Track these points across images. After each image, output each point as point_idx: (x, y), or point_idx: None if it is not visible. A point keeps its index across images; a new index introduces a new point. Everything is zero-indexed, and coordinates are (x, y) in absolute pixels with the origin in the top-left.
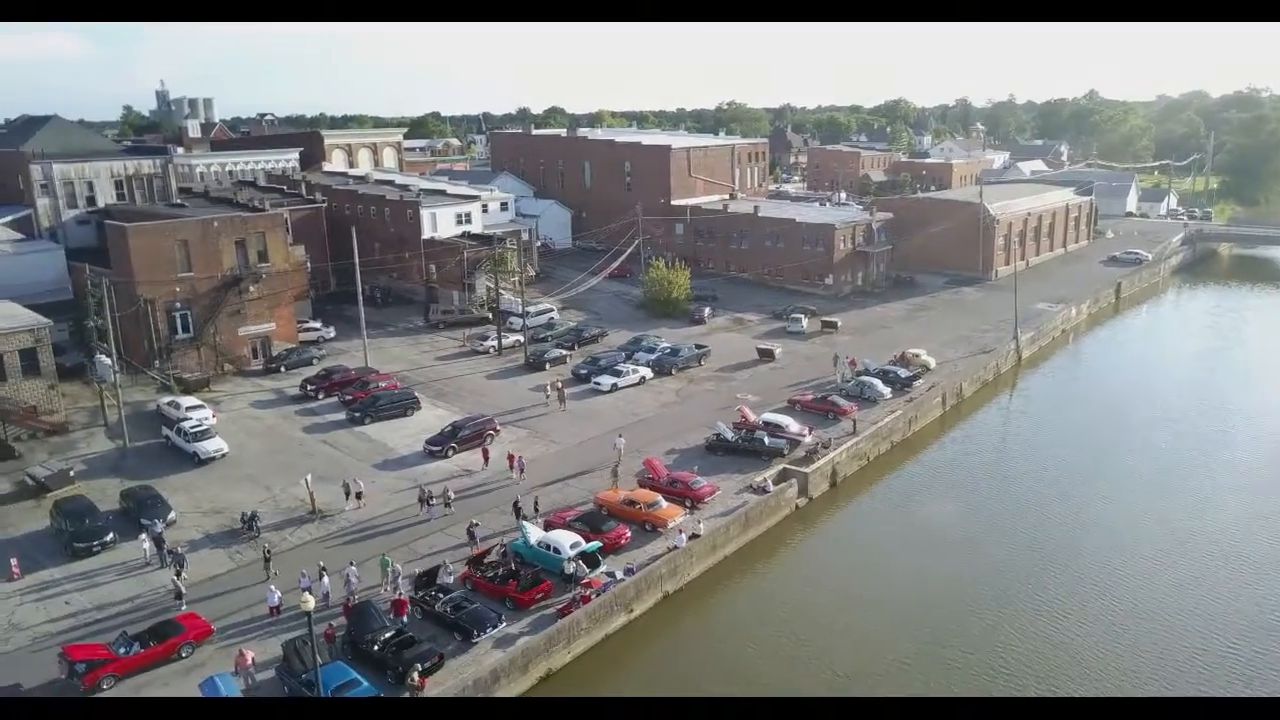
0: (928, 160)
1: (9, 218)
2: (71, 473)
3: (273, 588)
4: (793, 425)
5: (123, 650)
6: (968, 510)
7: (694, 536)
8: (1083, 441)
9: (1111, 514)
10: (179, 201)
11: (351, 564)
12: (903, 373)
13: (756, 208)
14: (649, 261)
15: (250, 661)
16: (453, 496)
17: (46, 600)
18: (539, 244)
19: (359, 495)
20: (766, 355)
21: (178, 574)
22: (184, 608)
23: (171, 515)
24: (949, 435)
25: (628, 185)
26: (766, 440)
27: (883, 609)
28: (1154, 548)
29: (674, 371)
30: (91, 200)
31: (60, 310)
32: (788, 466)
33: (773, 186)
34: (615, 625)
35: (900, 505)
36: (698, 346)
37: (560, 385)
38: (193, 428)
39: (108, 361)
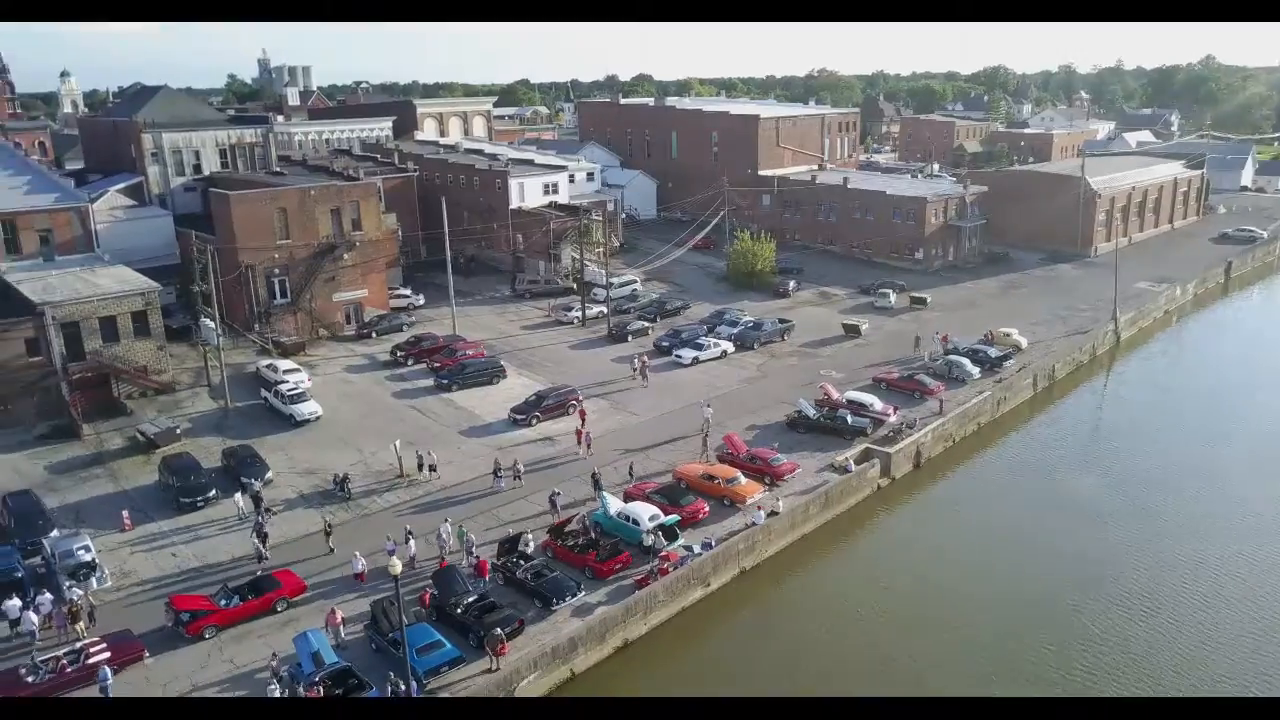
0: (1026, 130)
1: (122, 184)
2: (178, 430)
3: (357, 554)
4: (877, 404)
5: (223, 602)
6: (1052, 499)
7: (772, 514)
8: (1183, 432)
9: (1215, 510)
10: (278, 169)
11: (447, 520)
12: (992, 352)
13: (846, 179)
14: (734, 233)
15: (340, 620)
16: (523, 469)
17: (154, 551)
18: (624, 214)
19: (432, 468)
20: (852, 331)
21: (261, 540)
22: (258, 573)
23: (269, 474)
24: (1038, 419)
25: (714, 155)
26: (849, 419)
27: (959, 596)
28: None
29: (756, 346)
30: (197, 168)
31: (168, 274)
32: (870, 446)
33: (863, 157)
34: (692, 598)
35: (984, 490)
36: (781, 320)
37: (645, 361)
38: (289, 390)
39: (211, 325)
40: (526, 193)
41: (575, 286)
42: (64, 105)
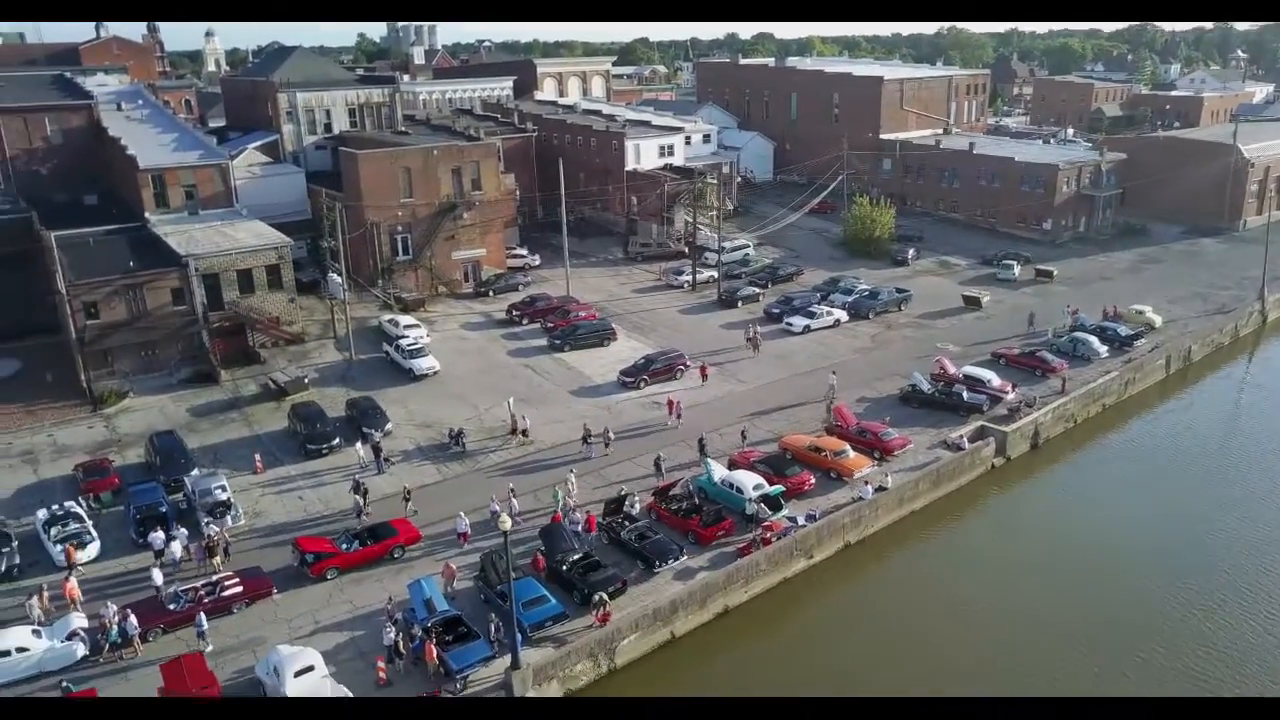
0: (1173, 93)
1: (259, 142)
2: (306, 380)
3: (461, 514)
4: (995, 380)
5: (344, 546)
6: (1178, 490)
7: (880, 489)
8: None
9: None
10: (403, 129)
11: (572, 472)
12: (1122, 330)
13: (972, 144)
14: (852, 198)
15: (454, 572)
16: (613, 437)
17: (283, 494)
18: (739, 177)
19: (524, 433)
20: (972, 303)
21: (362, 495)
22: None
23: (389, 426)
24: (1169, 403)
25: (835, 117)
26: (965, 395)
27: (1062, 586)
28: None
29: (871, 315)
30: (328, 127)
31: (300, 229)
32: (986, 424)
33: (992, 121)
34: (794, 569)
35: (1105, 476)
36: (898, 290)
37: (758, 331)
38: (409, 345)
39: (338, 279)
40: (642, 154)
41: (687, 250)
42: (208, 64)
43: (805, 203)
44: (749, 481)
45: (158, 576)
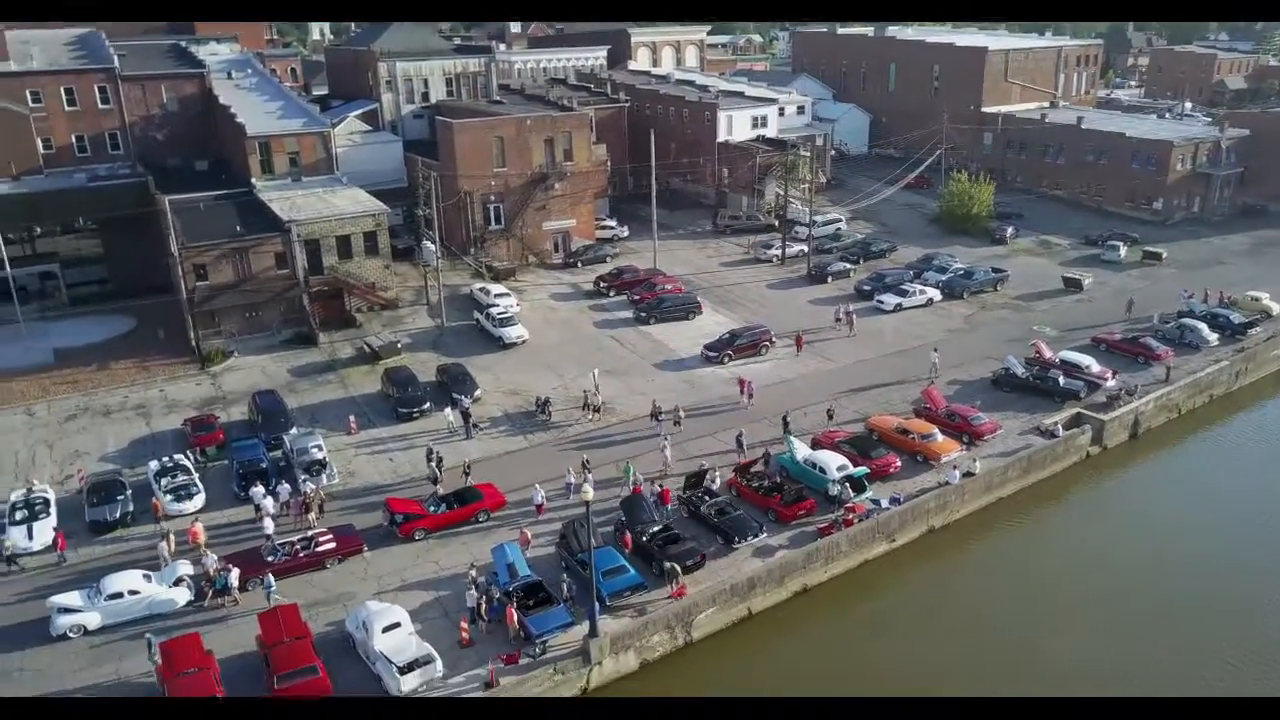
0: None
1: (360, 110)
2: (399, 344)
3: (537, 486)
4: (1094, 366)
5: (432, 508)
6: None
7: (968, 474)
8: None
9: None
10: (498, 99)
11: (666, 440)
12: (1235, 317)
13: (1080, 118)
14: (950, 173)
15: (528, 540)
16: (683, 415)
17: (375, 455)
18: (833, 150)
19: (596, 410)
20: (1073, 285)
21: (436, 464)
22: (439, 491)
23: (478, 392)
24: None
25: (935, 90)
26: (1061, 380)
27: (1156, 583)
28: None
29: (965, 295)
30: (425, 96)
31: (396, 197)
32: (1082, 411)
33: (1102, 93)
34: (876, 552)
35: (1209, 471)
36: (995, 270)
37: (851, 310)
38: (499, 314)
39: (432, 247)
40: (734, 126)
41: (777, 224)
42: (312, 32)
43: (901, 177)
44: (833, 462)
45: (269, 525)
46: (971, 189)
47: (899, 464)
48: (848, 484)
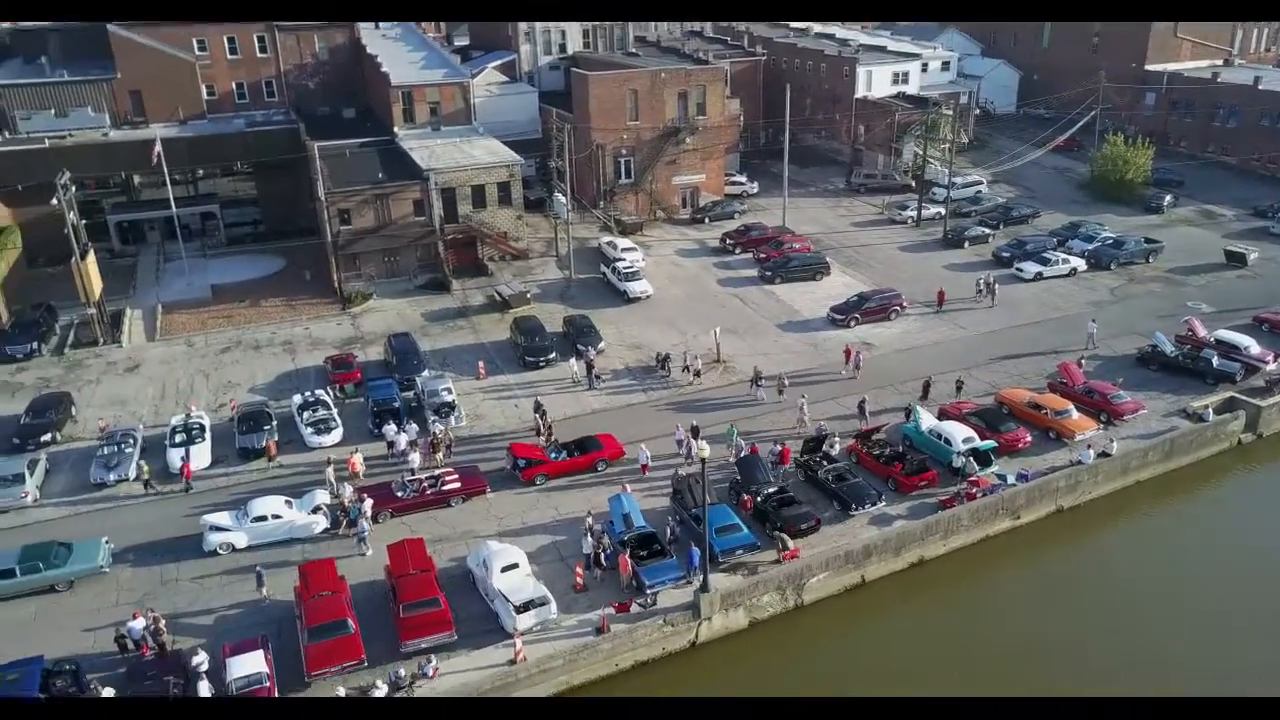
0: None
1: (498, 61)
2: (528, 294)
3: (643, 447)
4: (1253, 348)
5: (553, 455)
6: None
7: (1103, 454)
8: None
9: None
10: (634, 51)
11: (803, 399)
12: None
13: (1258, 78)
14: (1104, 135)
15: (626, 489)
16: (787, 384)
17: (501, 401)
18: (977, 108)
19: (697, 374)
20: (1236, 259)
21: (542, 416)
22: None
23: (601, 345)
24: None
25: (1094, 46)
26: (1215, 361)
27: None
28: None
29: (1113, 266)
30: (563, 48)
31: (530, 148)
32: (1236, 395)
33: None
34: (998, 528)
35: None
36: (1148, 240)
37: (993, 281)
38: (625, 268)
39: (563, 199)
40: (874, 82)
41: (913, 184)
42: None
43: (1050, 139)
44: (959, 433)
45: (415, 460)
46: (1128, 153)
47: (1029, 440)
48: (973, 457)
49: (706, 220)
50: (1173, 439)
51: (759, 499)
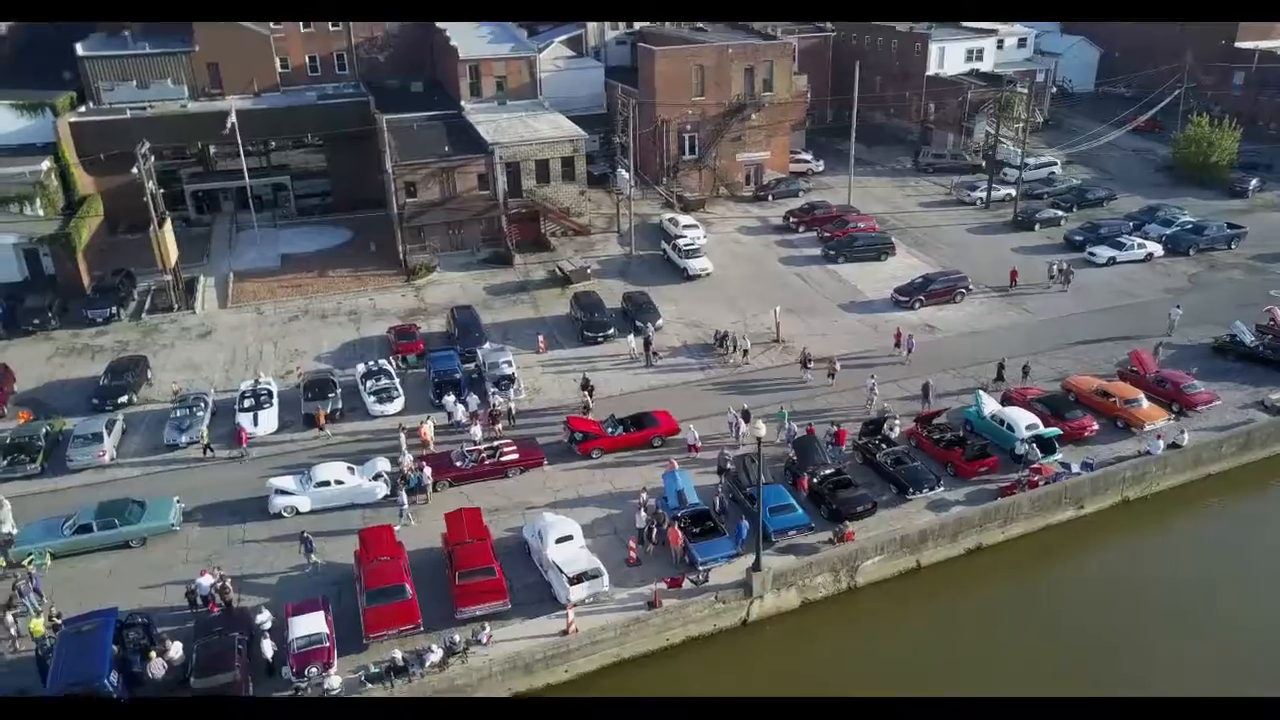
0: None
1: (565, 36)
2: (589, 270)
3: (691, 427)
4: None
5: (610, 430)
6: None
7: (1173, 445)
8: None
9: None
10: (700, 26)
11: (872, 378)
12: None
13: None
14: (1188, 116)
15: (674, 468)
16: (839, 367)
17: (559, 374)
18: (1054, 87)
19: (745, 353)
20: None
21: (588, 391)
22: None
23: (660, 321)
24: None
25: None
26: None
27: None
28: None
29: (1192, 252)
30: (629, 22)
31: (594, 124)
32: None
33: None
34: (1060, 518)
35: None
36: (1231, 226)
37: (1068, 266)
38: (686, 245)
39: (626, 175)
40: (947, 59)
41: (984, 164)
42: None
43: (1129, 119)
44: (1022, 420)
45: (476, 432)
46: (1212, 135)
47: (1096, 428)
48: (1036, 444)
49: (770, 198)
50: (1249, 432)
51: (815, 480)
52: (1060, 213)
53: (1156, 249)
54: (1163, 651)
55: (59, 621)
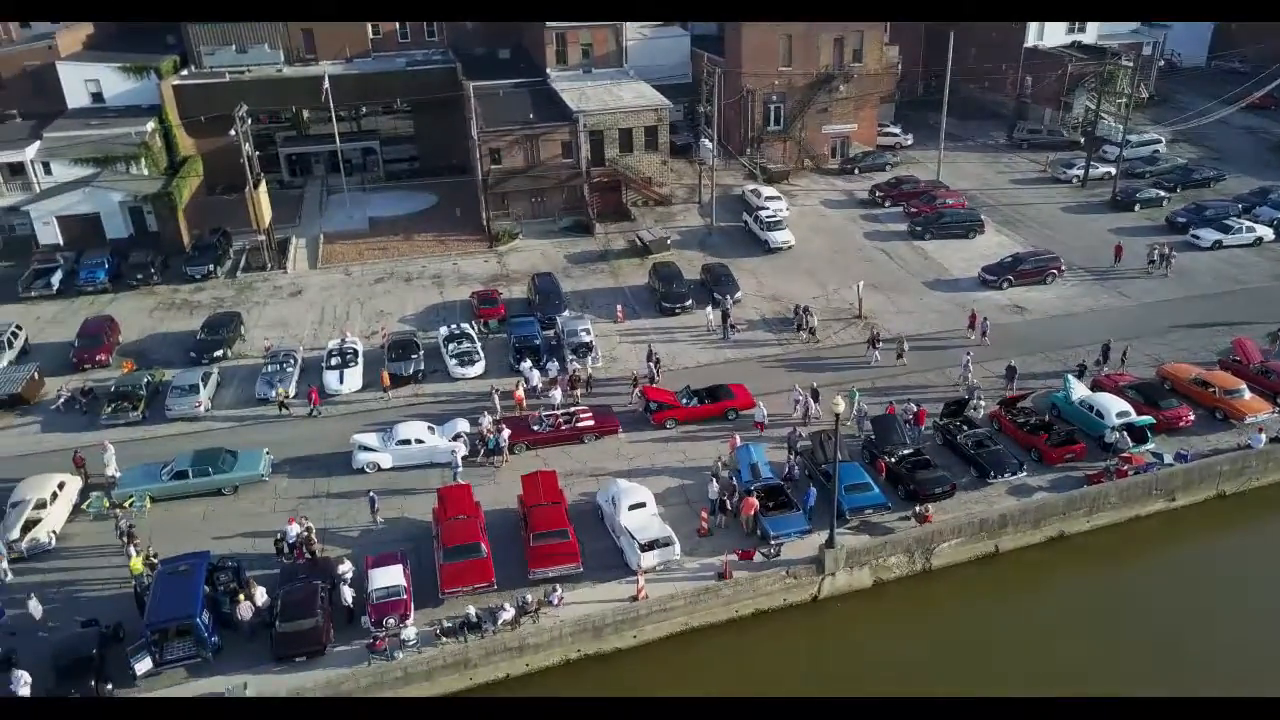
0: None
1: None
2: (669, 240)
3: (760, 404)
4: None
5: (685, 401)
6: None
7: (1277, 439)
8: None
9: None
10: None
11: (969, 355)
12: None
13: None
14: None
15: (736, 445)
16: (907, 348)
17: (636, 344)
18: (1161, 60)
19: (812, 331)
20: None
21: (655, 364)
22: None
23: (739, 294)
24: None
25: None
26: None
27: None
28: None
29: None
30: None
31: (679, 93)
32: None
33: None
34: (1149, 509)
35: None
36: None
37: (1170, 251)
38: (768, 217)
39: (709, 145)
40: (1047, 30)
41: (1082, 141)
42: None
43: (1243, 95)
44: (1113, 407)
45: (556, 395)
46: None
47: (1192, 418)
48: (1127, 432)
49: (856, 171)
50: None
51: (893, 460)
52: (1163, 193)
53: (1267, 233)
54: (1252, 656)
55: (156, 561)
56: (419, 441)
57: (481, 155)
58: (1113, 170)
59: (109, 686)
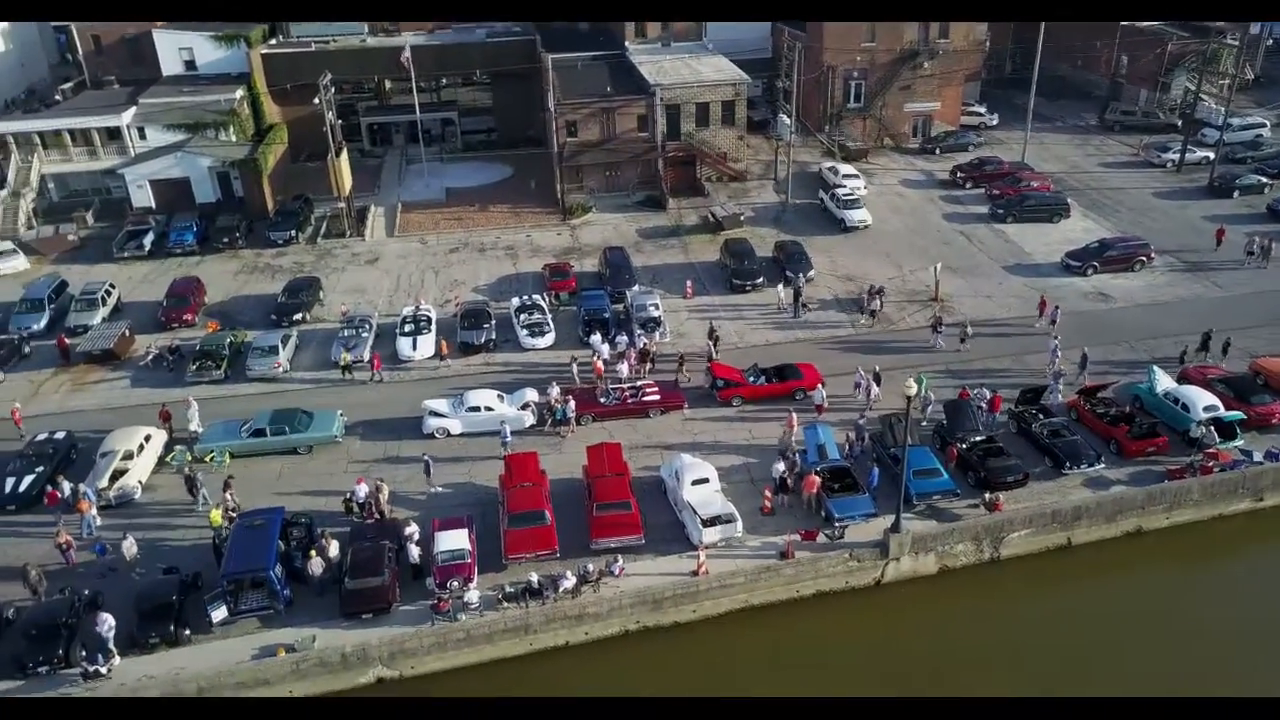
0: None
1: None
2: (742, 217)
3: (820, 388)
4: None
5: (751, 379)
6: None
7: None
8: None
9: None
10: None
11: (1056, 340)
12: None
13: None
14: None
15: (793, 425)
16: (970, 332)
17: (705, 321)
18: (1270, 39)
19: (873, 314)
20: None
21: (714, 342)
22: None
23: (811, 273)
24: None
25: None
26: None
27: None
28: None
29: None
30: None
31: (757, 68)
32: None
33: None
34: (1234, 508)
35: None
36: None
37: (1269, 242)
38: (845, 195)
39: (787, 121)
40: None
41: (1179, 124)
42: None
43: None
44: (1200, 400)
45: (624, 369)
46: None
47: None
48: (1214, 427)
49: (937, 151)
50: None
51: (964, 447)
52: (1265, 179)
53: None
54: None
55: (234, 515)
56: (488, 409)
57: (557, 128)
58: (1211, 155)
59: (187, 632)
